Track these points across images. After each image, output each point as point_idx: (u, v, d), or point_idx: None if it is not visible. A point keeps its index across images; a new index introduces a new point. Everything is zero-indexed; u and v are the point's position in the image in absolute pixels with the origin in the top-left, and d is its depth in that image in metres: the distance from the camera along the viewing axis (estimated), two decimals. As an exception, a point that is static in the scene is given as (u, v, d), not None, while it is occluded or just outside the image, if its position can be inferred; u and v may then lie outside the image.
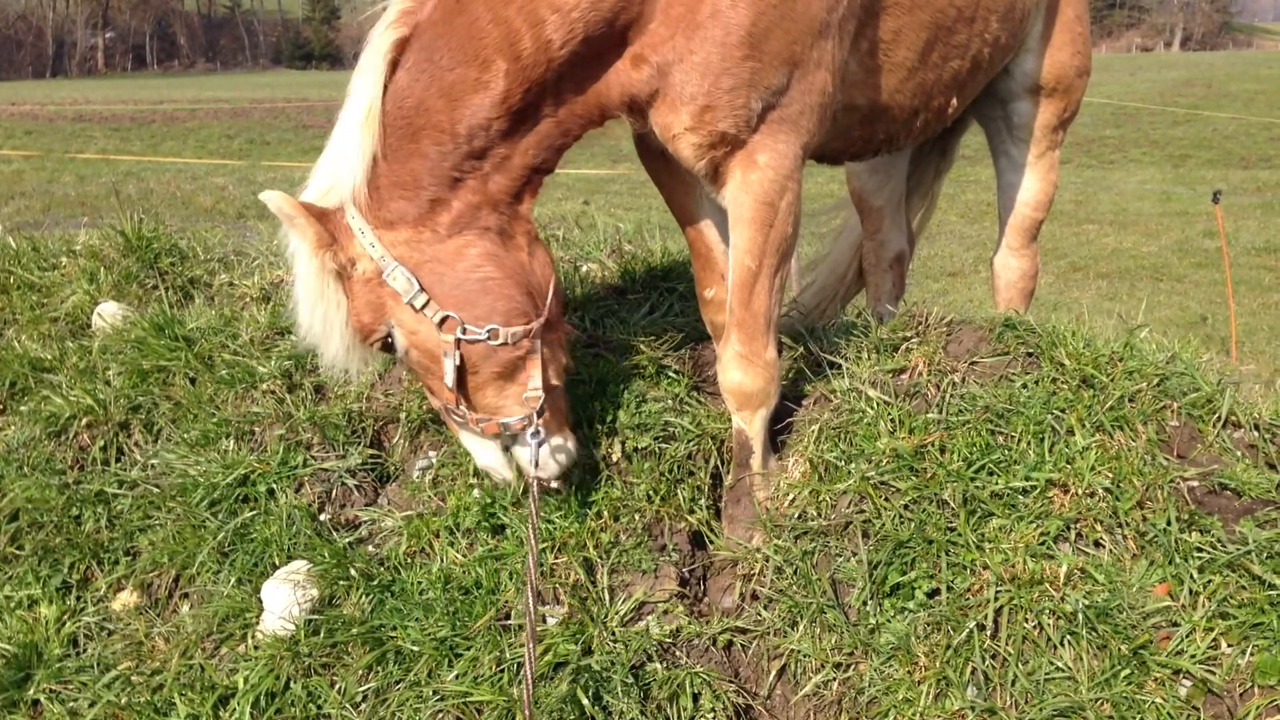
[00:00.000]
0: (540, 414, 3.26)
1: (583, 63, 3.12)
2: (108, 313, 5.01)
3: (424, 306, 3.14)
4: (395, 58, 3.05)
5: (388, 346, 3.23)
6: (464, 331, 3.16)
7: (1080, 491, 3.29)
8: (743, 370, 3.48)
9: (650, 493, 3.64)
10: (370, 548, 3.70)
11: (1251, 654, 2.93)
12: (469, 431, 3.34)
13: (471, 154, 3.12)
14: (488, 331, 3.18)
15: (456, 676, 3.21)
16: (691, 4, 3.08)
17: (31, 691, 3.54)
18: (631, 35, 3.13)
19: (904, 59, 3.70)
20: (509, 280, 3.25)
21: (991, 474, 3.38)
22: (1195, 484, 3.30)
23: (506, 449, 3.37)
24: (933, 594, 3.23)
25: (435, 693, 3.18)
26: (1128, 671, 2.96)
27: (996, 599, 3.13)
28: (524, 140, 3.17)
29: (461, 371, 3.20)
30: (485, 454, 3.41)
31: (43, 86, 73.75)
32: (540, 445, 3.27)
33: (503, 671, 3.21)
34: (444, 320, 3.15)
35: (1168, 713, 2.89)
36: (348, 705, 3.23)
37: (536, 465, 3.27)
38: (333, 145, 3.11)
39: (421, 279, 3.13)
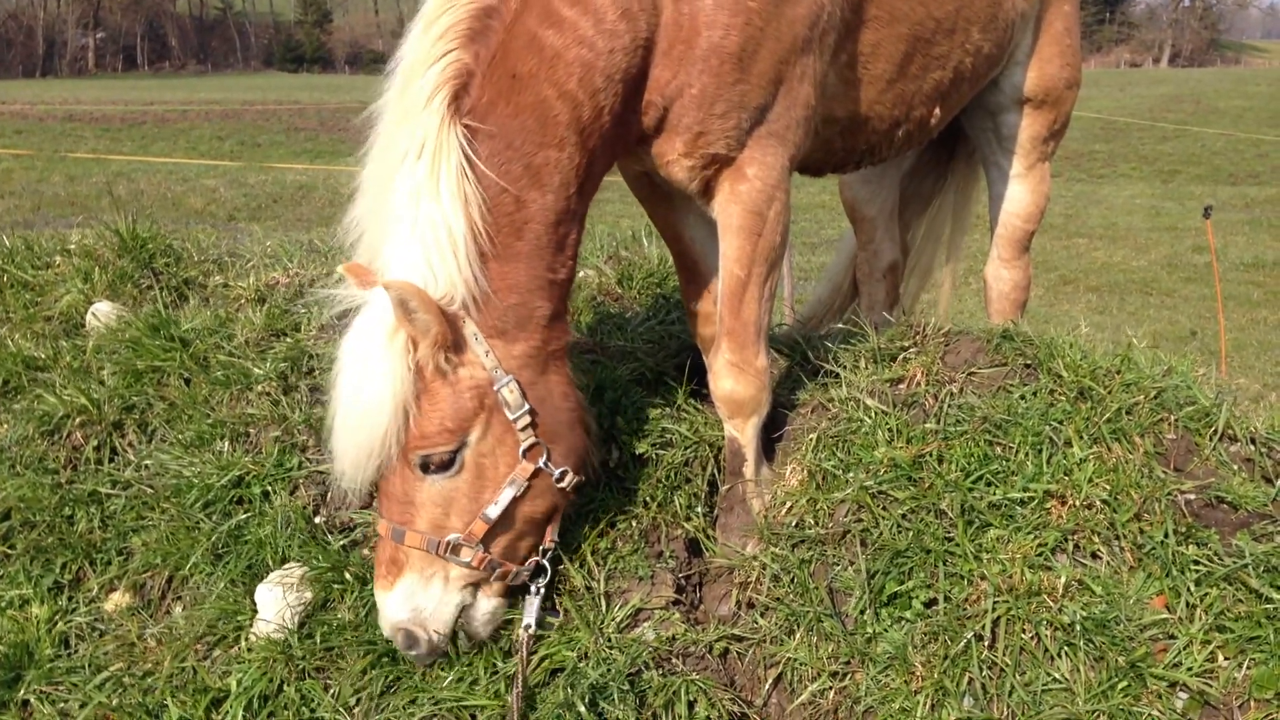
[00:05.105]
0: (548, 573, 3.22)
1: (621, 123, 3.13)
2: (102, 312, 4.99)
3: (524, 428, 3.01)
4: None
5: (444, 463, 2.98)
6: (545, 464, 3.07)
7: (1078, 503, 3.29)
8: (734, 378, 3.48)
9: (647, 499, 3.63)
10: (365, 551, 3.68)
11: (1248, 667, 2.94)
12: (466, 571, 3.08)
13: (558, 243, 3.05)
14: (560, 472, 3.10)
15: (451, 681, 3.19)
16: (689, 40, 3.11)
17: (22, 692, 3.52)
18: (643, 84, 3.15)
19: (883, 71, 3.73)
20: (583, 423, 3.21)
21: (989, 484, 3.39)
22: (1192, 497, 3.31)
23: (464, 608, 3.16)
24: (930, 604, 3.23)
25: (430, 697, 3.16)
26: (1125, 683, 2.97)
27: (994, 609, 3.13)
28: (579, 210, 3.12)
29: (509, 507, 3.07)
30: (434, 603, 3.08)
31: (33, 86, 73.55)
32: (539, 596, 3.20)
33: (497, 676, 3.19)
34: (531, 447, 3.04)
35: (1164, 725, 2.90)
36: (341, 709, 3.21)
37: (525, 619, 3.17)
38: (425, 242, 2.86)
39: (529, 398, 3.02)
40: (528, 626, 3.15)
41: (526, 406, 3.00)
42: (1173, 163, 30.86)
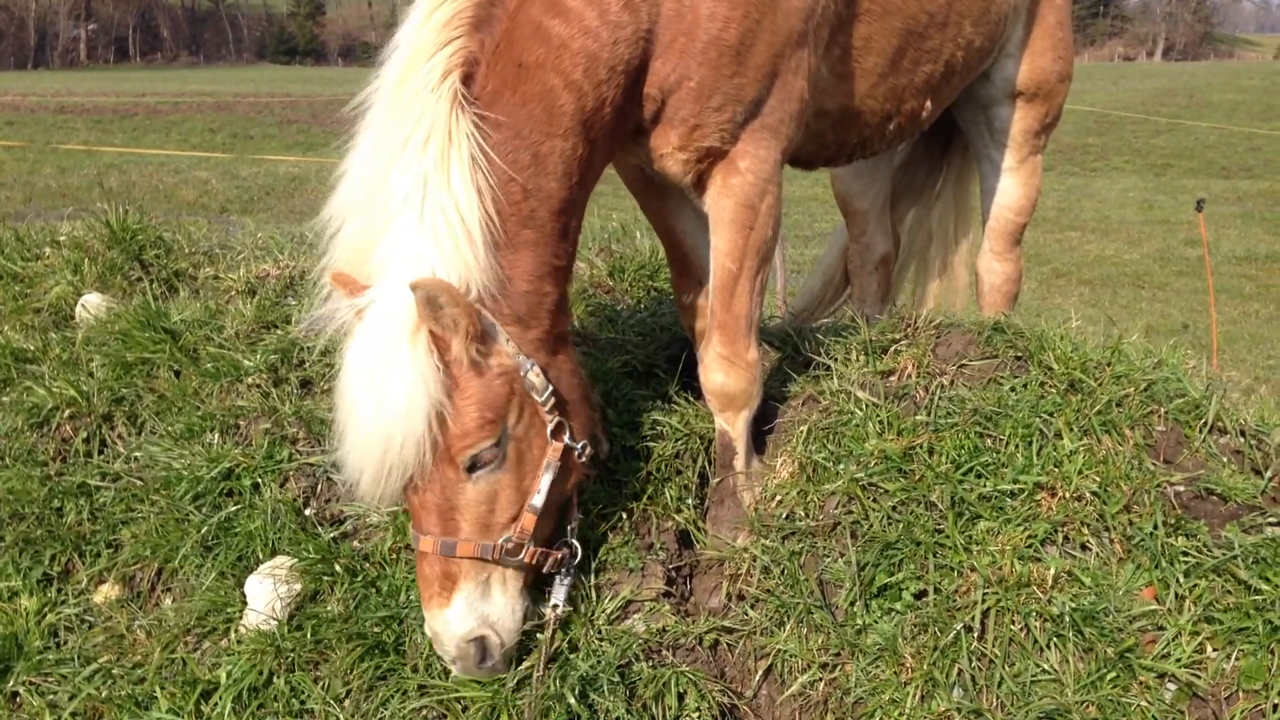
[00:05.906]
0: (579, 552, 3.21)
1: (621, 115, 3.13)
2: (91, 304, 4.97)
3: (550, 409, 2.99)
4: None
5: (491, 458, 2.92)
6: (570, 440, 3.05)
7: (1068, 495, 3.29)
8: (725, 371, 3.48)
9: (637, 491, 3.63)
10: (355, 543, 3.68)
11: (1237, 658, 2.95)
12: (515, 569, 3.03)
13: (562, 231, 3.04)
14: (581, 445, 3.10)
15: (441, 673, 3.18)
16: (689, 33, 3.11)
17: (11, 683, 3.50)
18: (643, 77, 3.15)
19: (875, 64, 3.73)
20: (588, 398, 3.22)
21: (980, 476, 3.39)
22: (1182, 489, 3.31)
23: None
24: (920, 595, 3.23)
25: (420, 689, 3.16)
26: (1113, 674, 2.98)
27: (984, 601, 3.13)
28: (580, 199, 3.12)
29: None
30: (500, 606, 3.03)
31: (25, 77, 73.25)
32: (569, 578, 3.19)
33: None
34: (558, 427, 3.02)
35: (1153, 716, 2.91)
36: (331, 701, 3.20)
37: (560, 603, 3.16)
38: (437, 232, 2.78)
39: (549, 380, 3.00)
40: (555, 605, 3.15)
41: (550, 388, 2.99)
42: (1165, 156, 30.89)
